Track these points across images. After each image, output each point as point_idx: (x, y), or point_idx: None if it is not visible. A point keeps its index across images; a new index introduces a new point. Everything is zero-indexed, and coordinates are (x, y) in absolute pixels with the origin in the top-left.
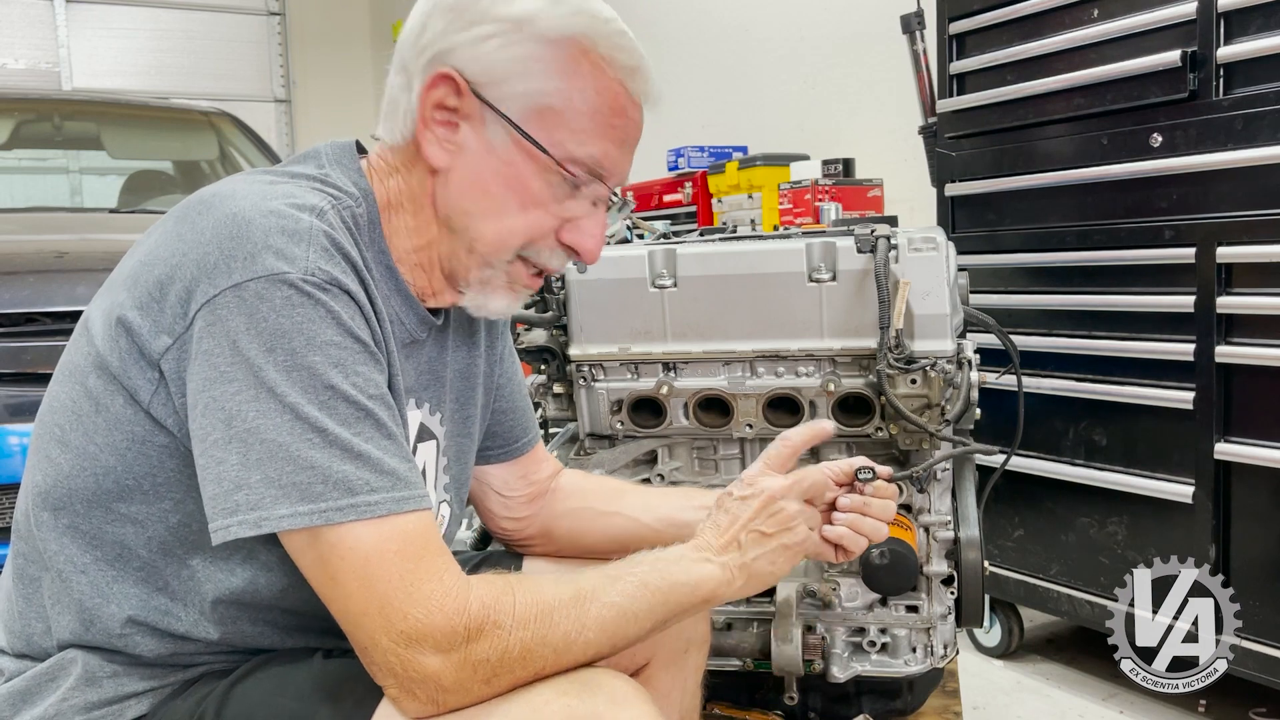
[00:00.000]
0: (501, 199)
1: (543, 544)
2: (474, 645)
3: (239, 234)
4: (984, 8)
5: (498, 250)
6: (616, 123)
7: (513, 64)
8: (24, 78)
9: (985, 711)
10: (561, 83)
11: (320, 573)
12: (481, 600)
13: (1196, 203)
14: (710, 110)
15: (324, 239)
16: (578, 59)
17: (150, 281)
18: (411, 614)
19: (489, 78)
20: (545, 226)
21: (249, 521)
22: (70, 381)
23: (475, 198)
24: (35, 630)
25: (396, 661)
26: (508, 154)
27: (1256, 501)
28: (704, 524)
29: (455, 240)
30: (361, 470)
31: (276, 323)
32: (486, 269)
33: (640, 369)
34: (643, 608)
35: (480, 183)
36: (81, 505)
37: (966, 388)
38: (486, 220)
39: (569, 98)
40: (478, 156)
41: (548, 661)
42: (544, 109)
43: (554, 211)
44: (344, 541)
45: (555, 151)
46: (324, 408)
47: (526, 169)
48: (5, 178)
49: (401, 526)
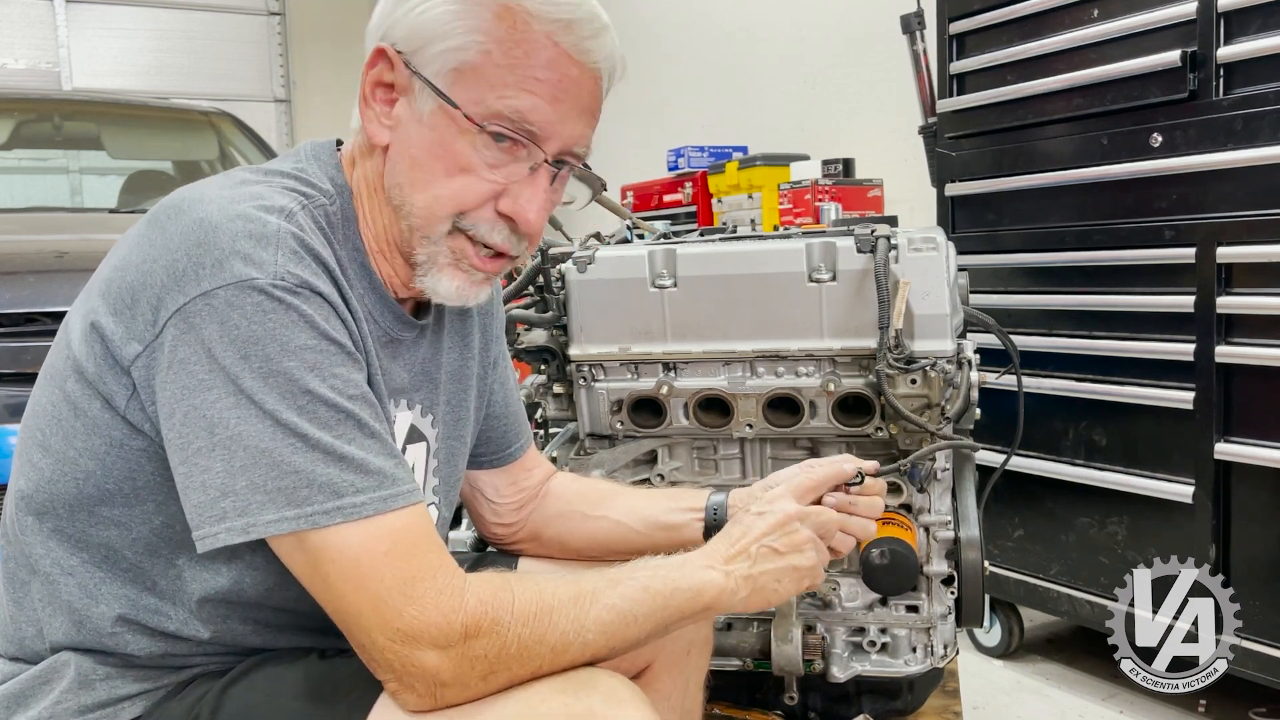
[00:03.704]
0: (429, 167)
1: (533, 547)
2: (472, 642)
3: (206, 240)
4: (984, 8)
5: (428, 221)
6: (544, 75)
7: (434, 25)
8: (24, 78)
9: (985, 711)
10: (479, 36)
11: (312, 575)
12: (479, 597)
13: (1196, 203)
14: (710, 110)
15: (292, 241)
16: (499, 14)
17: (122, 287)
18: (407, 612)
19: (412, 44)
20: (476, 193)
21: (236, 528)
22: (50, 386)
23: (407, 169)
24: (27, 634)
25: (394, 658)
26: (433, 120)
27: (1256, 501)
28: (717, 535)
29: (399, 218)
30: (345, 472)
31: (249, 330)
32: (428, 244)
33: (640, 369)
34: (643, 611)
35: (411, 154)
36: (65, 509)
37: (966, 388)
38: (416, 191)
39: (487, 51)
40: (410, 127)
41: (545, 660)
42: (463, 66)
43: (486, 177)
44: (332, 544)
45: (476, 109)
46: (303, 413)
47: (449, 132)
48: (5, 178)
49: (390, 525)
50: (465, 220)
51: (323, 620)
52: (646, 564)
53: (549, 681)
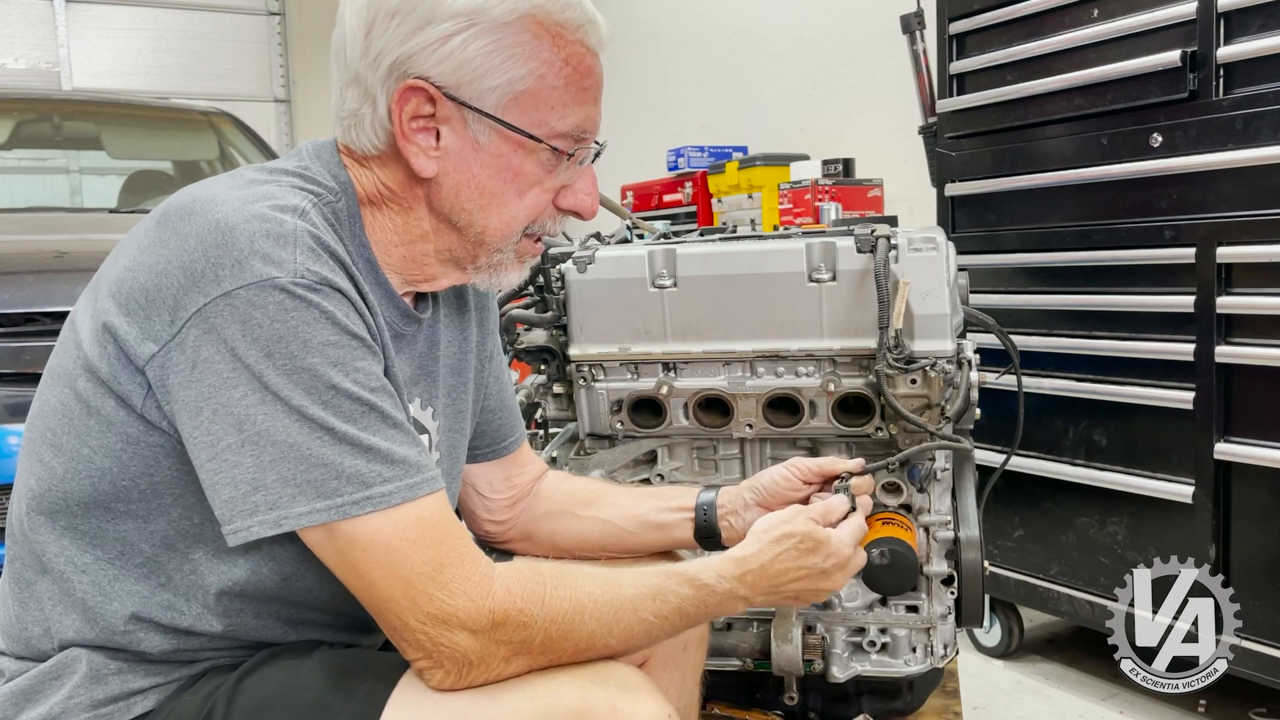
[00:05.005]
0: (500, 191)
1: (524, 546)
2: (500, 629)
3: (224, 241)
4: (984, 8)
5: (506, 237)
6: (587, 84)
7: (479, 59)
8: (24, 78)
9: (985, 711)
10: (531, 64)
11: (343, 564)
12: (507, 588)
13: (1196, 203)
14: (710, 110)
15: (309, 239)
16: (538, 35)
17: (135, 288)
18: (437, 596)
19: (459, 79)
20: (544, 202)
21: (269, 521)
22: (59, 385)
23: (473, 195)
24: (33, 634)
25: (425, 639)
26: (495, 147)
27: (1256, 501)
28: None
29: (460, 235)
30: (373, 463)
31: (271, 329)
32: (496, 254)
33: (640, 369)
34: (669, 628)
35: (475, 180)
36: (79, 507)
37: (966, 388)
38: (489, 214)
39: (541, 76)
40: (466, 156)
41: (566, 655)
42: (520, 94)
43: (549, 186)
44: (363, 533)
45: (540, 132)
46: (328, 407)
47: (516, 157)
48: (5, 178)
49: (418, 512)
50: (534, 225)
51: (335, 614)
52: (693, 582)
53: (567, 670)
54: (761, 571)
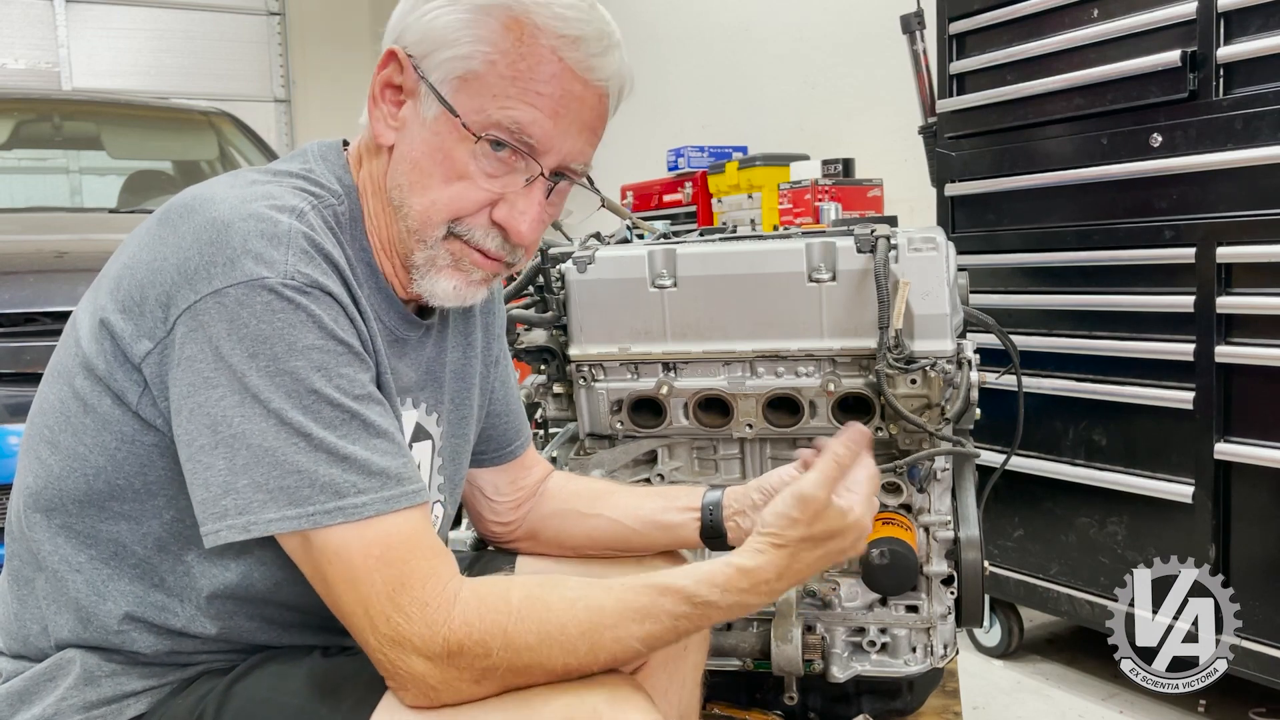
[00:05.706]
0: (428, 171)
1: (530, 546)
2: (455, 658)
3: (218, 239)
4: (984, 8)
5: (424, 224)
6: (546, 90)
7: (444, 31)
8: (24, 78)
9: (985, 711)
10: (486, 49)
11: (315, 574)
12: (465, 619)
13: (1196, 203)
14: (710, 110)
15: (303, 241)
16: (508, 26)
17: (132, 285)
18: (394, 618)
19: (423, 49)
20: (471, 200)
21: (238, 526)
22: (59, 383)
23: (407, 171)
24: (31, 631)
25: (384, 659)
26: (435, 125)
27: (1256, 501)
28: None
29: (398, 220)
30: (348, 473)
31: (257, 329)
32: (424, 248)
33: (640, 369)
34: (661, 644)
35: (412, 155)
36: (74, 505)
37: (966, 388)
38: (414, 194)
39: (493, 63)
40: (414, 130)
41: (540, 679)
42: (468, 74)
43: (482, 186)
44: (332, 545)
45: (476, 117)
46: (308, 412)
47: (450, 139)
48: (5, 178)
49: (387, 529)
50: (460, 226)
51: (328, 618)
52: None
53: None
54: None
